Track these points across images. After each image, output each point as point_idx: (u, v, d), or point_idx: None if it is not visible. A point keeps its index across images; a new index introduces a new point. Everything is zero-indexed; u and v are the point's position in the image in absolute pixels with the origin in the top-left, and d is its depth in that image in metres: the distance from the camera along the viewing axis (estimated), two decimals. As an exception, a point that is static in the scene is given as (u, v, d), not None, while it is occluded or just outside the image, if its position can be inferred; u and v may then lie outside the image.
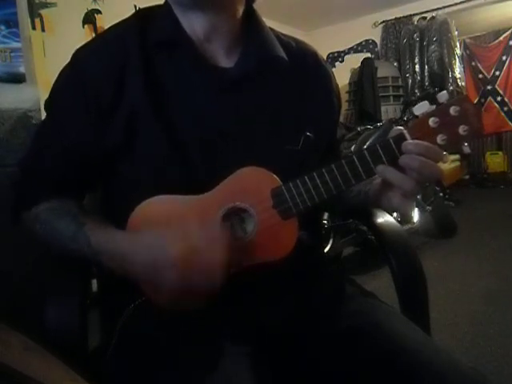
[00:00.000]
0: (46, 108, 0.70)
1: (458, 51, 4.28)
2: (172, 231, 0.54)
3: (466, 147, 0.59)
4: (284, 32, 0.76)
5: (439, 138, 0.56)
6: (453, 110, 0.56)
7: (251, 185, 0.60)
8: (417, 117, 0.58)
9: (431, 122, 0.56)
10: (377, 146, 0.57)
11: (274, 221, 0.60)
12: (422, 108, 0.58)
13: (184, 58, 0.65)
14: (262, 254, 0.60)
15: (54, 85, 0.67)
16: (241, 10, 0.67)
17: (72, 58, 0.66)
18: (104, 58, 0.63)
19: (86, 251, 0.59)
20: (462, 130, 0.56)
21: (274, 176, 0.60)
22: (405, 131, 0.57)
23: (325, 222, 2.35)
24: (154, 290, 0.57)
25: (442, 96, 0.58)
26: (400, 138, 0.57)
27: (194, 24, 0.64)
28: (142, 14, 0.68)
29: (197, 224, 0.55)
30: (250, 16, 0.69)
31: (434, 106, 0.58)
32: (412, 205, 2.62)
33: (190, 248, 0.52)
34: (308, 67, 0.73)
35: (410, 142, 0.56)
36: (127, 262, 0.55)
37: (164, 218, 0.59)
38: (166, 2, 0.67)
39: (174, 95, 0.64)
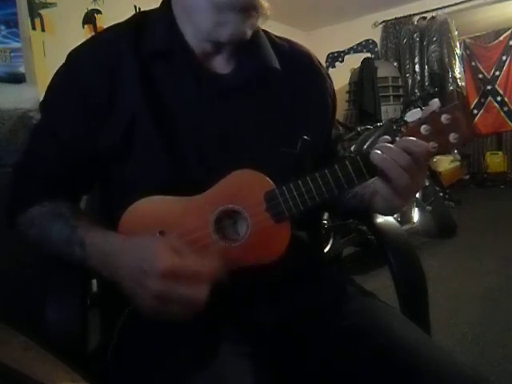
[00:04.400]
0: (40, 109, 0.69)
1: (458, 51, 4.29)
2: (163, 241, 0.53)
3: (456, 154, 0.61)
4: (284, 32, 0.76)
5: (430, 146, 0.58)
6: (444, 118, 0.57)
7: (245, 187, 0.60)
8: (408, 124, 0.60)
9: (423, 129, 0.58)
10: (369, 150, 0.58)
11: (267, 224, 0.60)
12: (414, 115, 0.60)
13: (181, 63, 0.65)
14: (254, 256, 0.60)
15: (48, 86, 0.67)
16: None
17: (67, 59, 0.66)
18: (99, 59, 0.64)
19: (78, 254, 0.59)
20: (452, 137, 0.58)
21: (268, 179, 0.60)
22: (397, 139, 0.58)
23: (325, 222, 2.35)
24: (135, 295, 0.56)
25: (434, 104, 0.59)
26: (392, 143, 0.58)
27: (198, 25, 0.63)
28: (138, 18, 0.68)
29: (190, 238, 0.55)
30: None
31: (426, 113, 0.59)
32: (403, 208, 2.64)
33: (177, 264, 0.50)
34: (302, 69, 0.74)
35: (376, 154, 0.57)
36: (115, 264, 0.55)
37: (155, 218, 0.60)
38: (163, 7, 0.67)
39: (172, 100, 0.64)
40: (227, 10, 0.60)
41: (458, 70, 4.20)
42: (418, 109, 2.20)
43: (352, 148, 2.65)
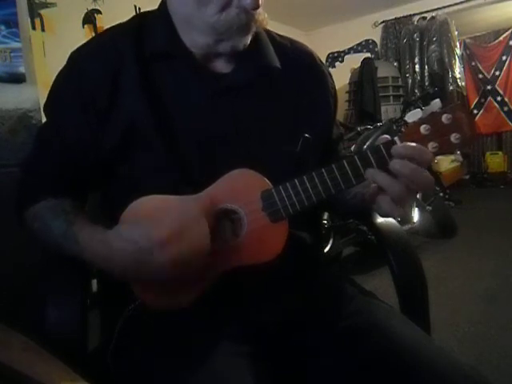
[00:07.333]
0: (44, 110, 0.70)
1: (457, 51, 4.28)
2: (152, 219, 0.55)
3: (458, 155, 0.60)
4: (284, 32, 0.76)
5: (430, 146, 0.57)
6: (445, 118, 0.57)
7: (242, 187, 0.60)
8: (407, 124, 0.59)
9: (423, 129, 0.57)
10: (367, 151, 0.57)
11: (263, 223, 0.60)
12: (414, 115, 0.59)
13: (181, 64, 0.65)
14: (251, 255, 0.60)
15: (51, 87, 0.68)
16: None
17: (68, 60, 0.67)
18: (100, 59, 0.64)
19: (74, 249, 0.59)
20: (453, 137, 0.57)
21: (265, 179, 0.60)
22: (396, 138, 0.57)
23: (325, 222, 2.35)
24: (144, 283, 0.57)
25: (435, 104, 0.58)
26: (390, 143, 0.57)
27: (197, 39, 0.63)
28: (138, 20, 0.68)
29: (176, 212, 0.56)
30: None
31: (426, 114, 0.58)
32: (407, 211, 2.63)
33: (173, 229, 0.53)
34: (304, 67, 0.73)
35: (399, 146, 0.55)
36: (113, 255, 0.55)
37: (154, 217, 0.60)
38: (162, 8, 0.67)
39: (172, 100, 0.64)
40: (225, 30, 0.60)
41: (458, 70, 4.19)
42: (419, 109, 2.20)
43: (352, 148, 2.65)
